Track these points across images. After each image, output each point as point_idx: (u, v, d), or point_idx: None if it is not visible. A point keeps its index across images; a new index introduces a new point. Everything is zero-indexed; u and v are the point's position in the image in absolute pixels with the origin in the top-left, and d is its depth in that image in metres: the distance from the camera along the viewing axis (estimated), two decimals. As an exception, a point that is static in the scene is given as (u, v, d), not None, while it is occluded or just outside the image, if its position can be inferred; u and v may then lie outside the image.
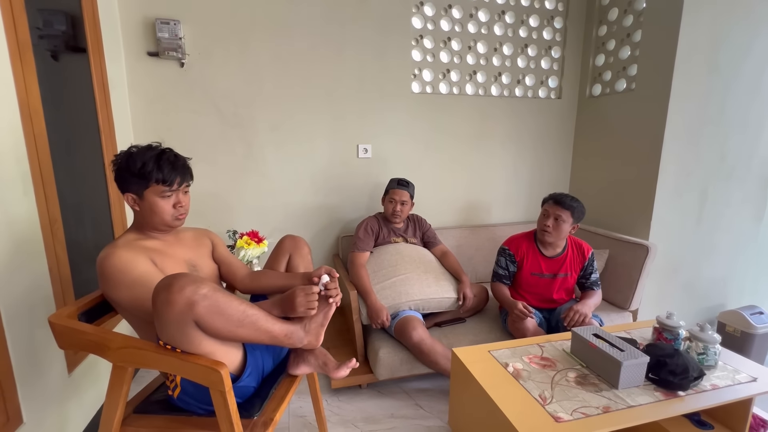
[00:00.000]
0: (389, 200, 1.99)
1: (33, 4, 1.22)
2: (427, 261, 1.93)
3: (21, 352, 1.09)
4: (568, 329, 1.57)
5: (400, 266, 1.85)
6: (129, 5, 1.82)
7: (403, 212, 1.99)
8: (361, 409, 1.65)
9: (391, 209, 1.97)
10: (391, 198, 1.98)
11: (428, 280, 1.82)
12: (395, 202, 1.96)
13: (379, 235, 2.00)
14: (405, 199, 1.97)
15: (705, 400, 1.12)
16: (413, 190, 2.03)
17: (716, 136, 2.10)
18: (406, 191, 1.98)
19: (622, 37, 2.27)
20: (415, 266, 1.86)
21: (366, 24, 2.14)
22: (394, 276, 1.81)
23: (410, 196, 2.00)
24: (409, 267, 1.85)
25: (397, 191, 1.97)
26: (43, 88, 1.24)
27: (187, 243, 1.17)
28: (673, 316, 1.35)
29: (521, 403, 1.07)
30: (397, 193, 1.97)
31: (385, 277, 1.81)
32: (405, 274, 1.81)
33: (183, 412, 1.04)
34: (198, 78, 1.96)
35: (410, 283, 1.78)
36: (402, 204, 1.96)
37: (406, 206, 1.98)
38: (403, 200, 1.96)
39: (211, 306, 0.86)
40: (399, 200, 1.96)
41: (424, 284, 1.80)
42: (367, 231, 1.97)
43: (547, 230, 1.72)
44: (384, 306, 1.71)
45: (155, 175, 1.01)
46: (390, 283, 1.78)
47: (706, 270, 2.30)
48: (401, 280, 1.79)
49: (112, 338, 0.94)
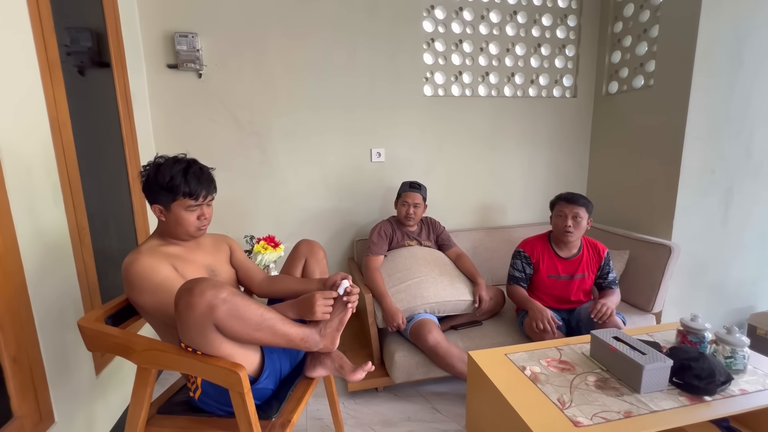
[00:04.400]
0: (402, 203, 1.99)
1: (61, 23, 1.29)
2: (442, 263, 1.93)
3: (52, 354, 1.14)
4: (595, 321, 1.57)
5: (414, 269, 1.84)
6: (149, 20, 1.90)
7: (416, 215, 1.98)
8: (378, 412, 1.66)
9: (404, 212, 1.97)
10: (403, 201, 1.98)
11: (443, 282, 1.81)
12: (408, 204, 1.97)
13: (393, 239, 2.00)
14: (417, 202, 1.97)
15: (733, 405, 1.08)
16: (425, 192, 2.04)
17: (741, 132, 2.03)
18: (418, 194, 1.98)
19: (639, 33, 2.22)
20: (429, 269, 1.85)
21: (377, 29, 2.16)
22: (409, 279, 1.80)
23: (423, 198, 2.00)
24: (423, 270, 1.84)
25: (410, 194, 1.97)
26: (70, 102, 1.31)
27: (207, 248, 1.21)
28: (698, 318, 1.31)
29: (539, 407, 1.06)
30: (409, 196, 1.97)
31: (399, 281, 1.81)
32: (420, 277, 1.81)
33: (204, 413, 1.06)
34: (215, 88, 2.02)
35: (425, 285, 1.78)
36: (415, 206, 1.97)
37: (418, 209, 1.98)
38: (415, 203, 1.97)
39: (230, 310, 0.88)
40: (412, 203, 1.96)
41: (440, 287, 1.79)
42: (381, 235, 1.97)
43: (569, 230, 1.69)
44: (399, 309, 1.71)
45: (183, 188, 1.04)
46: (405, 286, 1.78)
47: (734, 271, 2.21)
48: (416, 283, 1.79)
49: (137, 341, 0.97)
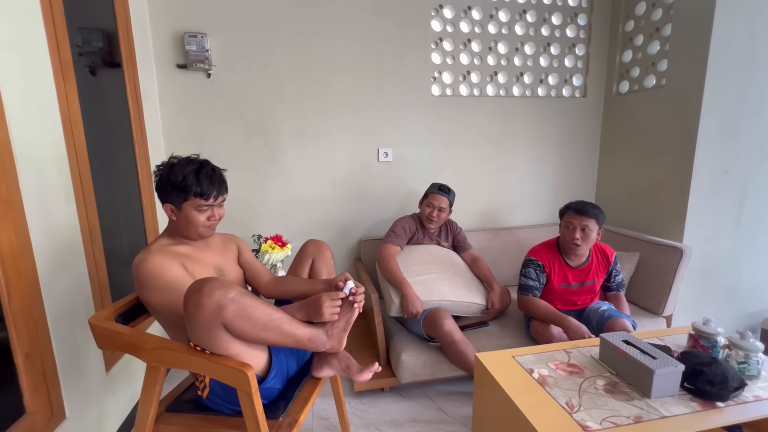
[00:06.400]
0: (427, 204, 1.95)
1: (73, 23, 1.30)
2: (456, 264, 1.93)
3: (64, 351, 1.16)
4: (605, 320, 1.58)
5: (431, 265, 1.85)
6: (159, 20, 1.91)
7: (440, 219, 1.94)
8: (384, 412, 1.65)
9: (428, 213, 1.93)
10: (429, 202, 1.94)
11: (458, 283, 1.81)
12: (433, 207, 1.93)
13: (414, 237, 1.98)
14: (443, 206, 1.93)
15: (747, 411, 1.06)
16: (454, 198, 1.99)
17: (756, 132, 1.99)
18: (446, 198, 1.93)
19: (651, 32, 2.19)
20: (445, 268, 1.85)
21: (385, 29, 2.15)
22: (426, 273, 1.80)
23: (449, 203, 1.96)
24: (439, 268, 1.84)
25: (437, 197, 1.93)
26: (82, 102, 1.32)
27: (216, 248, 1.22)
28: (710, 322, 1.28)
29: (547, 410, 1.05)
30: (436, 199, 1.93)
31: (416, 273, 1.80)
32: (436, 273, 1.81)
33: (212, 412, 1.07)
34: (224, 88, 2.04)
35: (442, 283, 1.78)
36: (439, 210, 1.92)
37: (443, 213, 1.94)
38: (441, 206, 1.92)
39: (238, 309, 0.88)
40: (437, 206, 1.92)
41: (455, 286, 1.79)
42: (405, 229, 1.94)
43: (576, 242, 1.64)
44: (419, 297, 1.71)
45: (194, 189, 1.05)
46: (422, 279, 1.78)
47: (748, 274, 2.17)
48: (433, 278, 1.79)
49: (146, 339, 0.98)
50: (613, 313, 1.62)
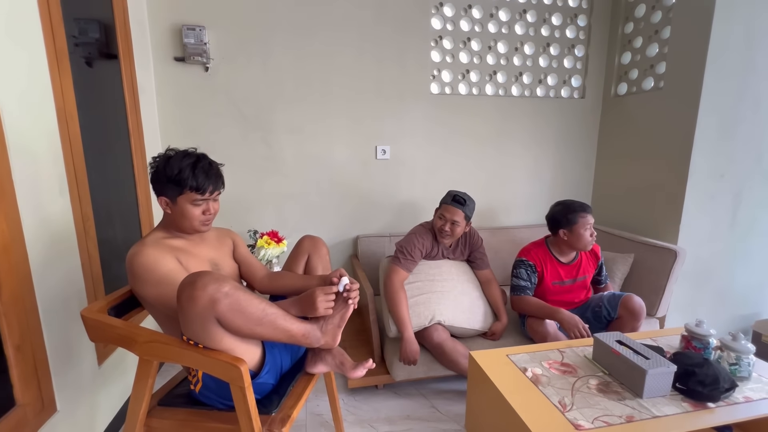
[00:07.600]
0: (439, 216, 1.72)
1: (70, 14, 1.29)
2: (465, 281, 1.78)
3: (55, 344, 1.15)
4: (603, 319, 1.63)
5: (437, 282, 1.72)
6: (157, 12, 1.90)
7: (453, 233, 1.70)
8: (377, 409, 1.66)
9: (439, 226, 1.72)
10: (441, 214, 1.71)
11: (463, 305, 1.70)
12: (445, 220, 1.69)
13: (430, 255, 1.79)
14: (457, 219, 1.67)
15: (737, 412, 1.07)
16: (472, 210, 1.73)
17: (752, 136, 2.00)
18: (460, 211, 1.67)
19: (650, 34, 2.19)
20: (452, 285, 1.72)
21: (385, 26, 2.15)
22: (430, 291, 1.69)
23: (465, 216, 1.69)
24: (446, 285, 1.72)
25: (449, 208, 1.68)
26: (78, 93, 1.31)
27: (211, 242, 1.21)
28: (703, 324, 1.29)
29: (540, 409, 1.05)
30: (448, 210, 1.68)
31: (419, 290, 1.70)
32: (440, 291, 1.69)
33: (204, 406, 1.07)
34: (222, 82, 2.02)
35: (444, 302, 1.67)
36: (452, 224, 1.68)
37: (457, 227, 1.69)
38: (454, 219, 1.67)
39: (232, 304, 0.88)
40: (450, 219, 1.68)
41: (458, 309, 1.68)
42: (419, 248, 1.72)
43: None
44: (419, 347, 1.59)
45: (190, 182, 1.04)
46: (424, 298, 1.67)
47: (741, 276, 2.19)
48: (436, 297, 1.68)
49: (139, 333, 0.98)
50: (618, 293, 1.70)
